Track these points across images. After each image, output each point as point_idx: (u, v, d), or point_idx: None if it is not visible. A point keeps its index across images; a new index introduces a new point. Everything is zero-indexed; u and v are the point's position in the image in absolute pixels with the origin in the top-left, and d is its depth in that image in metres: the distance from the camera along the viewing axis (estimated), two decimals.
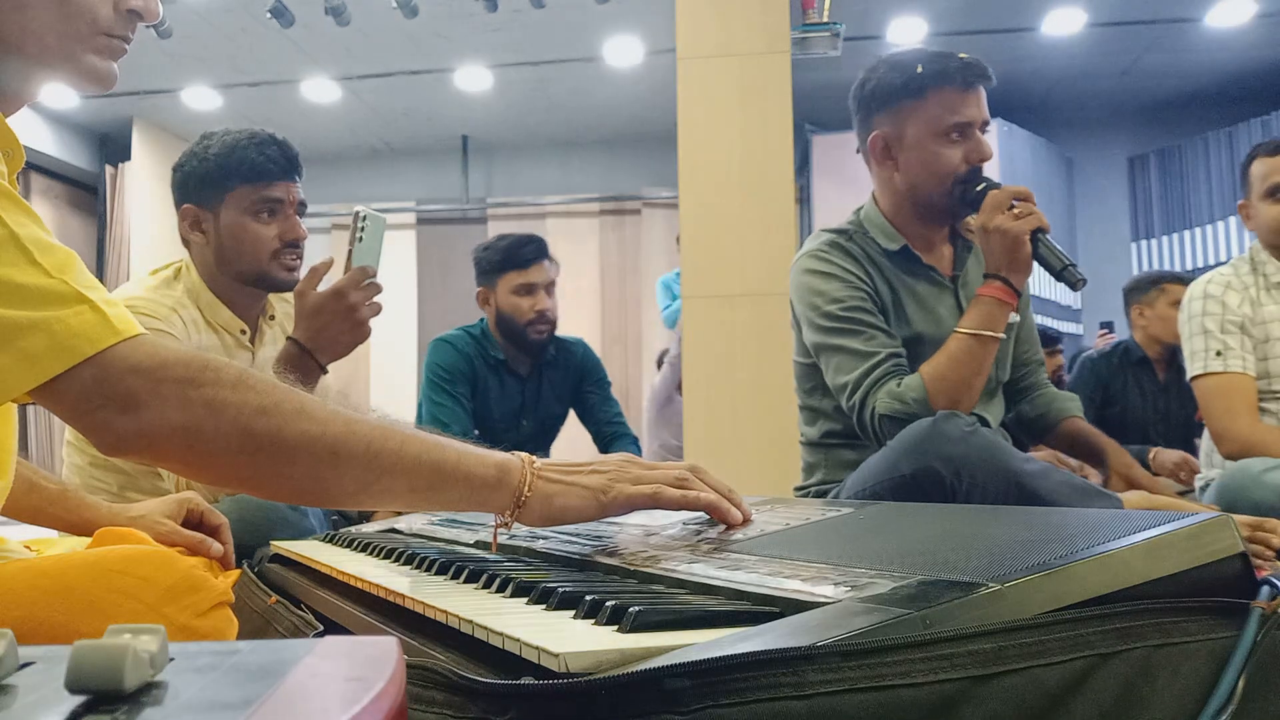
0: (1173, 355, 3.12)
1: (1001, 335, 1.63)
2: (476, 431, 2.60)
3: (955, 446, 1.44)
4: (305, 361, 1.56)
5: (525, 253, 2.62)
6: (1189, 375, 2.27)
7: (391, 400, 6.29)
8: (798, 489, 1.90)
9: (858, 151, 1.87)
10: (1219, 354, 2.18)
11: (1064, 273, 1.60)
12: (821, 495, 1.81)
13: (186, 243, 1.85)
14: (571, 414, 2.83)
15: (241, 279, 1.81)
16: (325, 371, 1.62)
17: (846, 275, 1.72)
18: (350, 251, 1.56)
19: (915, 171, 1.73)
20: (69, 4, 0.90)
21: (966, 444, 1.44)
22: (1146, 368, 3.10)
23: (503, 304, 2.63)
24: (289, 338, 1.59)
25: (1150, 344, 3.11)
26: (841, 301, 1.69)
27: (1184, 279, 3.18)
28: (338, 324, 1.56)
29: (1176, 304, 3.06)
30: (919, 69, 1.71)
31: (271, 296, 1.89)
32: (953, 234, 1.84)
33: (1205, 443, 2.41)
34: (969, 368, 1.60)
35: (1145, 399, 3.11)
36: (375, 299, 1.59)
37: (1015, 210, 1.61)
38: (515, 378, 2.70)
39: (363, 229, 1.55)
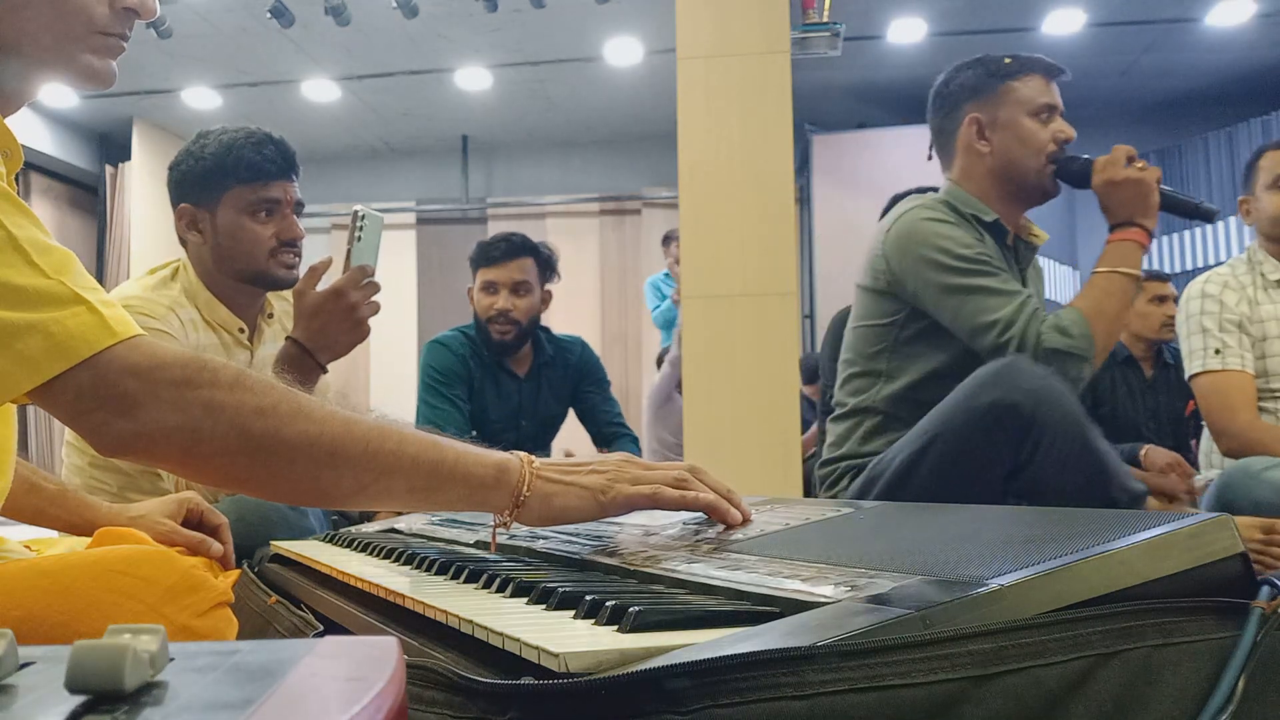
0: (1158, 352, 3.13)
1: (1140, 274, 1.74)
2: (474, 432, 2.59)
3: (1039, 381, 1.51)
4: (305, 361, 1.56)
5: (495, 249, 2.62)
6: (1188, 374, 2.27)
7: (391, 400, 6.29)
8: (826, 462, 1.90)
9: (929, 153, 1.97)
10: (1217, 352, 2.19)
11: (1198, 209, 1.78)
12: (852, 467, 1.82)
13: (183, 242, 1.84)
14: (571, 414, 2.82)
15: (239, 278, 1.80)
16: (325, 371, 1.61)
17: (966, 226, 1.80)
18: (349, 251, 1.56)
19: (1011, 148, 1.83)
20: (65, 3, 0.90)
21: (1048, 383, 1.51)
22: (1133, 366, 3.11)
23: (474, 301, 2.65)
24: (288, 337, 1.59)
25: (1134, 342, 3.11)
26: (972, 246, 1.75)
27: (1163, 276, 3.20)
28: (337, 323, 1.56)
29: (1157, 300, 3.07)
30: (1007, 60, 1.87)
31: (270, 295, 1.89)
32: (1015, 236, 1.91)
33: (1205, 443, 2.41)
34: (1119, 302, 1.70)
35: (1134, 397, 3.11)
36: (374, 298, 1.58)
37: (1138, 164, 1.74)
38: (512, 378, 2.68)
39: (361, 228, 1.55)
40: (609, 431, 2.75)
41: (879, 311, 1.85)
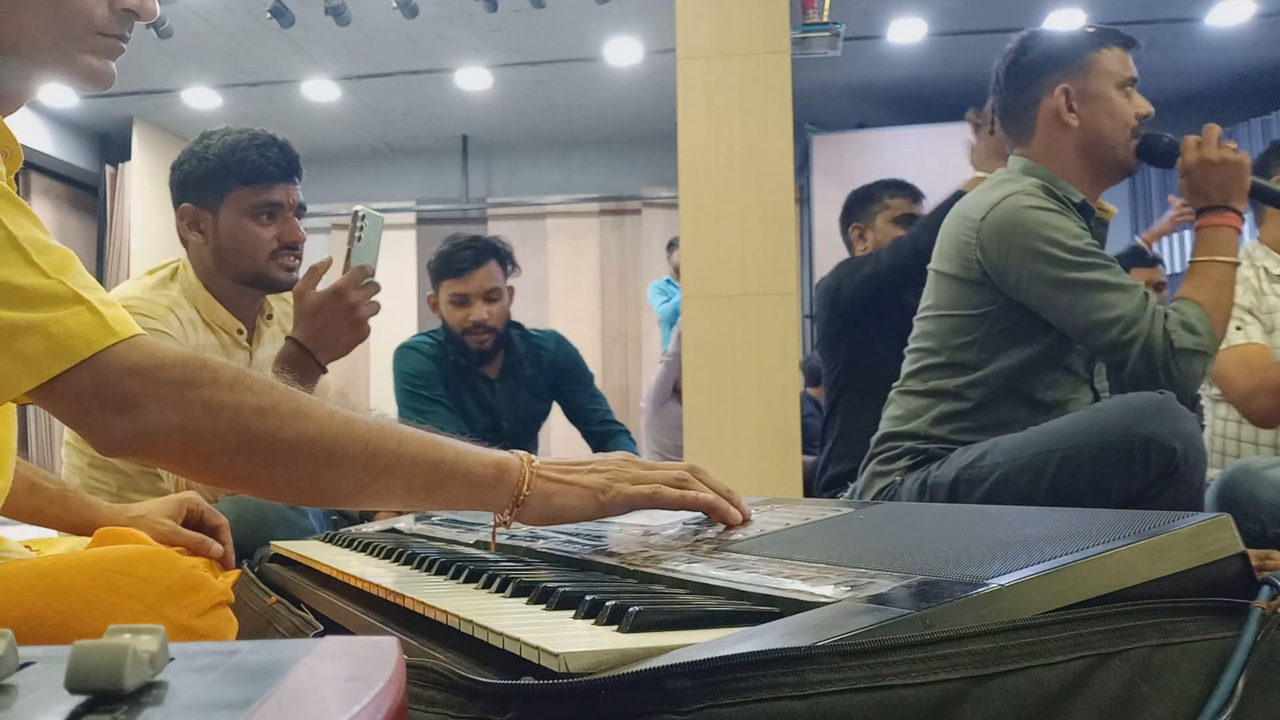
0: None
1: (1239, 261, 1.70)
2: (466, 431, 2.55)
3: (1192, 425, 1.48)
4: (305, 361, 1.56)
5: (458, 260, 2.53)
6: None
7: (391, 400, 6.27)
8: (886, 436, 1.83)
9: (991, 127, 1.91)
10: (1238, 328, 2.18)
11: None
12: (915, 449, 1.77)
13: (184, 242, 1.84)
14: (561, 412, 2.77)
15: (239, 279, 1.80)
16: (325, 371, 1.61)
17: (1069, 213, 1.71)
18: (349, 251, 1.56)
19: (1100, 121, 1.76)
20: (64, 4, 0.90)
21: (1196, 427, 1.49)
22: None
23: (444, 313, 2.58)
24: (288, 337, 1.59)
25: None
26: (1081, 236, 1.67)
27: (1155, 260, 3.21)
28: (337, 323, 1.56)
29: (1153, 287, 3.09)
30: (1091, 28, 1.84)
31: (270, 296, 1.88)
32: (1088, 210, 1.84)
33: (1204, 443, 2.42)
34: (1229, 293, 1.65)
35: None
36: (374, 298, 1.58)
37: (1229, 144, 1.68)
38: (485, 381, 2.62)
39: (361, 228, 1.55)
40: (601, 430, 2.68)
41: (969, 302, 1.76)
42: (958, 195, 2.28)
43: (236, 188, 1.77)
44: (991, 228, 1.71)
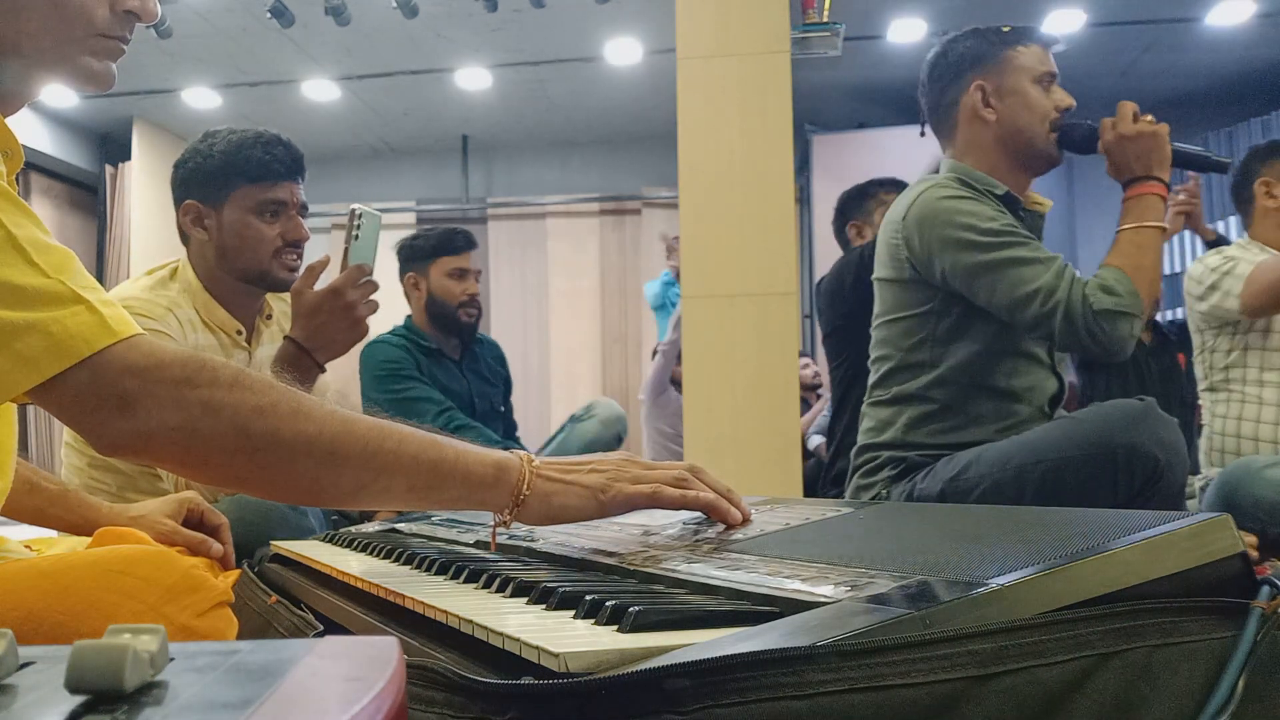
0: (1154, 325, 3.18)
1: (1166, 226, 1.73)
2: (453, 406, 2.63)
3: (1174, 434, 1.51)
4: (303, 360, 1.56)
5: (458, 240, 2.78)
6: (1237, 295, 2.27)
7: None
8: (865, 448, 1.85)
9: (921, 127, 1.94)
10: (1246, 265, 2.24)
11: (1209, 161, 1.79)
12: (894, 458, 1.78)
13: (186, 239, 1.84)
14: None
15: (242, 277, 1.80)
16: (323, 370, 1.61)
17: (984, 199, 1.75)
18: (346, 250, 1.56)
19: (1017, 115, 1.80)
20: (65, 6, 0.90)
21: (1179, 436, 1.51)
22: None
23: (435, 288, 2.74)
24: (286, 337, 1.59)
25: None
26: (996, 218, 1.71)
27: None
28: (335, 322, 1.56)
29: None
30: (1005, 28, 1.86)
31: (269, 296, 1.89)
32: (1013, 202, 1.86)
33: (1204, 442, 2.42)
34: (1153, 256, 1.68)
35: (1137, 363, 3.16)
36: (372, 297, 1.59)
37: (1145, 118, 1.73)
38: (453, 362, 2.79)
39: (358, 227, 1.55)
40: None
41: (910, 302, 1.80)
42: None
43: (241, 185, 1.77)
44: (912, 224, 1.77)
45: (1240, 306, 2.27)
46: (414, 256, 2.78)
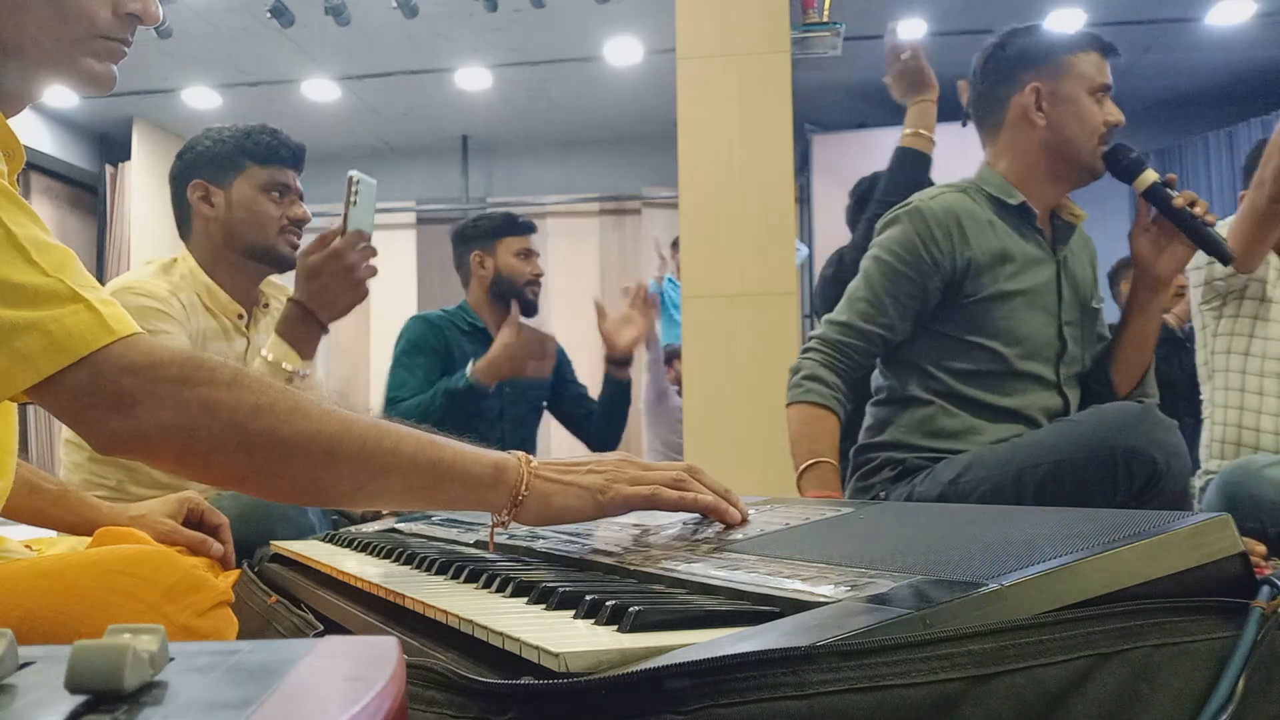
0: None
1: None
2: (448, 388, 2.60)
3: (1174, 435, 1.51)
4: (307, 320, 1.60)
5: (523, 222, 2.80)
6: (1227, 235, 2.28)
7: None
8: (864, 448, 1.86)
9: (964, 120, 1.93)
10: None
11: (1220, 249, 1.77)
12: (893, 460, 1.78)
13: (187, 226, 1.90)
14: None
15: (248, 253, 1.87)
16: (326, 330, 1.65)
17: (920, 244, 1.76)
18: (345, 216, 1.60)
19: (1068, 124, 1.77)
20: (67, 7, 0.90)
21: (1178, 436, 1.52)
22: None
23: (502, 266, 2.73)
24: (290, 299, 1.63)
25: None
26: (894, 255, 1.75)
27: None
28: (337, 283, 1.59)
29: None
30: (1071, 31, 1.84)
31: (267, 288, 1.95)
32: (1053, 214, 1.85)
33: (1204, 436, 2.42)
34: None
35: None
36: (371, 261, 1.62)
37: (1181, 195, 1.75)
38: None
39: (356, 193, 1.60)
40: (583, 411, 2.84)
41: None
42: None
43: (249, 165, 1.88)
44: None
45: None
46: (478, 235, 2.78)
